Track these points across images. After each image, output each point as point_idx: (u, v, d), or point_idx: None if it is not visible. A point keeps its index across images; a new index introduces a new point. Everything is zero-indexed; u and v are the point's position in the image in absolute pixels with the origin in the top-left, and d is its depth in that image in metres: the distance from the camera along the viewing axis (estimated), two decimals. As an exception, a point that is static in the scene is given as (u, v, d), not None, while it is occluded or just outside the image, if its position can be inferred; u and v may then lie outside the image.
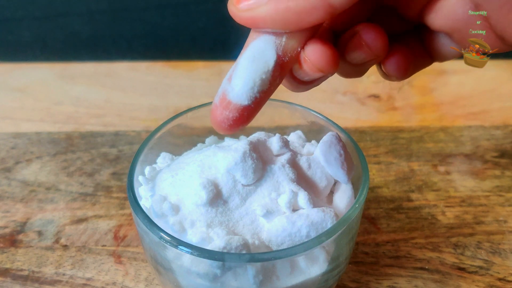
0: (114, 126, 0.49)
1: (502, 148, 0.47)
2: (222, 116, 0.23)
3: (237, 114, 0.23)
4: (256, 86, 0.23)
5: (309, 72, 0.23)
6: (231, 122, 0.23)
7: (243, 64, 0.23)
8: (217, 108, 0.23)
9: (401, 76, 0.25)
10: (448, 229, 0.38)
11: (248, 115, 0.23)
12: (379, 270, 0.35)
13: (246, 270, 0.25)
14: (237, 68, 0.23)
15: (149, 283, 0.34)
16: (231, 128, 0.23)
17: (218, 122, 0.23)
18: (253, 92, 0.23)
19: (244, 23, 0.22)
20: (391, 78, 0.26)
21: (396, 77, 0.25)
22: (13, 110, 0.52)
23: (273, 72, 0.23)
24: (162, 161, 0.33)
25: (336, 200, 0.29)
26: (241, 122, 0.23)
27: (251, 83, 0.23)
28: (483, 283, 0.34)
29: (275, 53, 0.22)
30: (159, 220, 0.27)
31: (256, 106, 0.23)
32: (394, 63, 0.24)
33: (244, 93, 0.23)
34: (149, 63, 0.59)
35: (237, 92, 0.23)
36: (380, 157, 0.45)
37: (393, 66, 0.25)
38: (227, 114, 0.23)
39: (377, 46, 0.23)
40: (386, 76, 0.26)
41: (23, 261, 0.36)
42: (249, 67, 0.23)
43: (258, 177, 0.28)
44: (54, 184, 0.42)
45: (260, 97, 0.23)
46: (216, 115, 0.23)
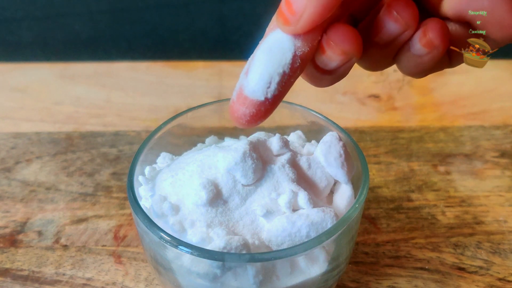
0: (114, 126, 0.49)
1: (502, 148, 0.47)
2: (239, 112, 0.22)
3: (254, 109, 0.22)
4: (274, 80, 0.22)
5: (334, 57, 0.22)
6: (248, 118, 0.22)
7: (259, 57, 0.22)
8: (234, 104, 0.23)
9: (444, 44, 0.22)
10: (448, 229, 0.38)
11: (266, 110, 0.22)
12: (379, 270, 0.35)
13: (246, 270, 0.25)
14: (254, 61, 0.22)
15: (149, 283, 0.34)
16: (249, 123, 0.23)
17: (236, 118, 0.23)
18: (270, 87, 0.22)
19: (306, 31, 0.21)
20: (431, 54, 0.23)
21: (439, 46, 0.22)
22: (13, 110, 0.52)
23: (292, 65, 0.22)
24: (162, 161, 0.33)
25: (336, 200, 0.29)
26: (259, 118, 0.23)
27: (267, 77, 0.22)
28: (483, 283, 0.34)
29: (293, 44, 0.22)
30: (159, 220, 0.27)
31: (274, 101, 0.22)
32: (434, 28, 0.22)
33: (260, 88, 0.22)
34: (149, 63, 0.59)
35: (253, 87, 0.22)
36: (380, 157, 0.45)
37: (434, 32, 0.22)
38: (244, 110, 0.22)
39: (408, 12, 0.22)
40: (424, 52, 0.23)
41: (23, 261, 0.36)
42: (265, 61, 0.22)
43: (258, 177, 0.28)
44: (54, 184, 0.42)
45: (278, 92, 0.22)
46: (233, 111, 0.23)
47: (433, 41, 0.22)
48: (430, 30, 0.22)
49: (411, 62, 0.24)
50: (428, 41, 0.22)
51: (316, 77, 0.24)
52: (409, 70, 0.24)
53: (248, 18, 0.62)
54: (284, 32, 0.22)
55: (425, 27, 0.22)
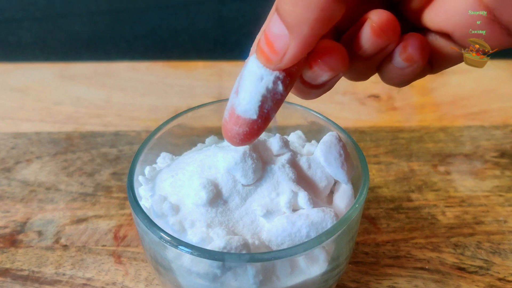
0: (114, 126, 0.49)
1: (502, 148, 0.47)
2: (233, 131, 0.23)
3: (247, 128, 0.23)
4: (264, 98, 0.22)
5: (321, 73, 0.22)
6: (242, 136, 0.23)
7: (247, 77, 0.22)
8: (227, 124, 0.23)
9: (423, 59, 0.23)
10: (448, 229, 0.38)
11: (259, 128, 0.23)
12: (379, 270, 0.35)
13: (246, 270, 0.25)
14: (242, 80, 0.22)
15: (149, 283, 0.34)
16: (243, 142, 0.23)
17: (230, 138, 0.23)
18: (261, 105, 0.22)
19: (289, 66, 0.22)
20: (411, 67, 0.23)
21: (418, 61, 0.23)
22: (13, 110, 0.52)
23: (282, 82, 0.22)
24: (162, 161, 0.33)
25: (336, 200, 0.29)
26: (252, 136, 0.23)
27: (257, 96, 0.22)
28: (483, 283, 0.34)
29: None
30: (159, 220, 0.27)
31: (266, 118, 0.23)
32: (414, 43, 0.23)
33: (252, 107, 0.22)
34: (149, 63, 0.59)
35: (245, 106, 0.22)
36: (380, 157, 0.45)
37: (414, 47, 0.23)
38: (237, 129, 0.23)
39: (391, 28, 0.22)
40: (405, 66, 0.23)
41: (23, 261, 0.36)
42: (253, 81, 0.22)
43: (258, 177, 0.28)
44: (54, 184, 0.42)
45: (271, 109, 0.22)
46: (227, 131, 0.23)
47: (413, 56, 0.23)
48: (410, 45, 0.23)
49: (392, 74, 0.24)
50: (408, 56, 0.23)
51: (303, 91, 0.24)
52: (391, 80, 0.25)
53: (248, 18, 0.62)
54: (267, 68, 0.22)
55: (406, 42, 0.23)
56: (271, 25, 0.21)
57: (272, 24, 0.21)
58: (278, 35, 0.21)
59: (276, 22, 0.21)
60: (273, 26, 0.21)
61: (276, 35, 0.21)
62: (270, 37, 0.21)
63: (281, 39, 0.21)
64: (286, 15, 0.20)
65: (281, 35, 0.20)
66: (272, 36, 0.21)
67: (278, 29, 0.20)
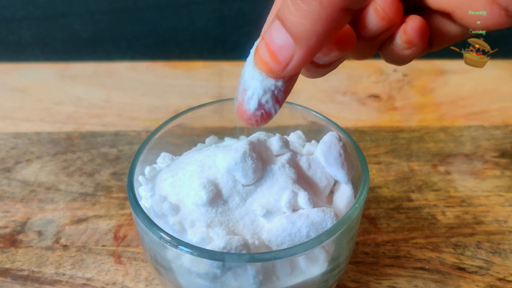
0: (114, 126, 0.49)
1: (502, 148, 0.47)
2: (246, 116, 0.23)
3: (258, 117, 0.23)
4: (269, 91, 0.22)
5: (329, 53, 0.22)
6: (254, 122, 0.23)
7: (250, 70, 0.22)
8: (241, 106, 0.23)
9: (422, 42, 0.23)
10: (448, 229, 0.38)
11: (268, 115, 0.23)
12: (379, 270, 0.35)
13: (246, 270, 0.25)
14: (244, 75, 0.22)
15: (149, 283, 0.34)
16: (258, 124, 0.23)
17: (245, 120, 0.23)
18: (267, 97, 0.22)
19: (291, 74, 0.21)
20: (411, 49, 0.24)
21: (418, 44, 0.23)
22: (13, 110, 0.52)
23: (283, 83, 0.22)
24: (162, 161, 0.33)
25: (336, 200, 0.29)
26: (266, 119, 0.23)
27: (260, 91, 0.22)
28: (483, 283, 0.34)
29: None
30: (159, 220, 0.27)
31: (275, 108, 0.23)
32: (414, 27, 0.23)
33: (256, 102, 0.22)
34: (149, 63, 0.59)
35: (252, 104, 0.22)
36: (380, 157, 0.45)
37: (414, 31, 0.23)
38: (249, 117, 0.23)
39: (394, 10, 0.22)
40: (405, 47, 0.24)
41: (23, 261, 0.36)
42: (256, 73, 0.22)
43: (258, 177, 0.28)
44: (54, 184, 0.42)
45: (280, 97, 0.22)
46: (241, 115, 0.23)
47: (412, 40, 0.23)
48: (410, 29, 0.23)
49: (393, 54, 0.24)
50: (408, 39, 0.23)
51: (309, 70, 0.25)
52: (392, 60, 0.25)
53: (248, 18, 0.62)
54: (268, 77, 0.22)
55: (406, 25, 0.23)
56: (273, 35, 0.20)
57: (274, 34, 0.20)
58: (282, 46, 0.20)
59: (280, 32, 0.20)
60: (276, 36, 0.20)
61: (280, 46, 0.20)
62: (273, 47, 0.21)
63: (285, 50, 0.20)
64: (294, 27, 0.20)
65: (286, 45, 0.20)
66: (276, 46, 0.20)
67: (282, 40, 0.20)
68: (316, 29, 0.19)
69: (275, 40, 0.20)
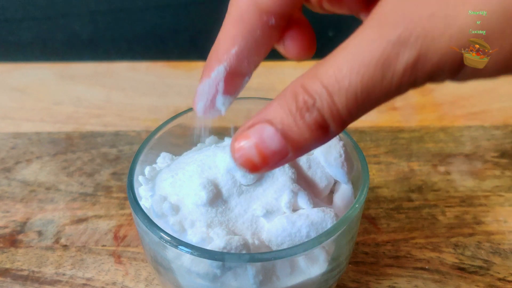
0: (114, 126, 0.49)
1: (502, 148, 0.47)
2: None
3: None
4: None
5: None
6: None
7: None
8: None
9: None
10: (448, 229, 0.38)
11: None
12: (379, 270, 0.35)
13: (246, 270, 0.25)
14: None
15: (149, 283, 0.34)
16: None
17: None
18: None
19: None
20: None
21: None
22: (13, 110, 0.52)
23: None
24: (162, 161, 0.33)
25: (336, 200, 0.29)
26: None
27: (204, 99, 0.25)
28: (483, 283, 0.34)
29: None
30: (159, 220, 0.27)
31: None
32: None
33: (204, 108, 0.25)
34: (149, 63, 0.59)
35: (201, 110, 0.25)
36: (380, 157, 0.45)
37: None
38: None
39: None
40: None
41: (23, 261, 0.36)
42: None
43: (258, 177, 0.28)
44: (54, 184, 0.42)
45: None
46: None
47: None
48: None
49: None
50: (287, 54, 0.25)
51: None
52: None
53: (248, 18, 0.62)
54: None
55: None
56: (266, 141, 0.20)
57: (267, 139, 0.20)
58: (276, 151, 0.20)
59: (275, 139, 0.20)
60: (270, 142, 0.20)
61: (274, 151, 0.20)
62: (265, 152, 0.20)
63: (279, 154, 0.20)
64: (296, 137, 0.19)
65: (281, 150, 0.20)
66: (269, 151, 0.20)
67: (276, 145, 0.20)
68: (317, 136, 0.20)
69: (269, 146, 0.20)
